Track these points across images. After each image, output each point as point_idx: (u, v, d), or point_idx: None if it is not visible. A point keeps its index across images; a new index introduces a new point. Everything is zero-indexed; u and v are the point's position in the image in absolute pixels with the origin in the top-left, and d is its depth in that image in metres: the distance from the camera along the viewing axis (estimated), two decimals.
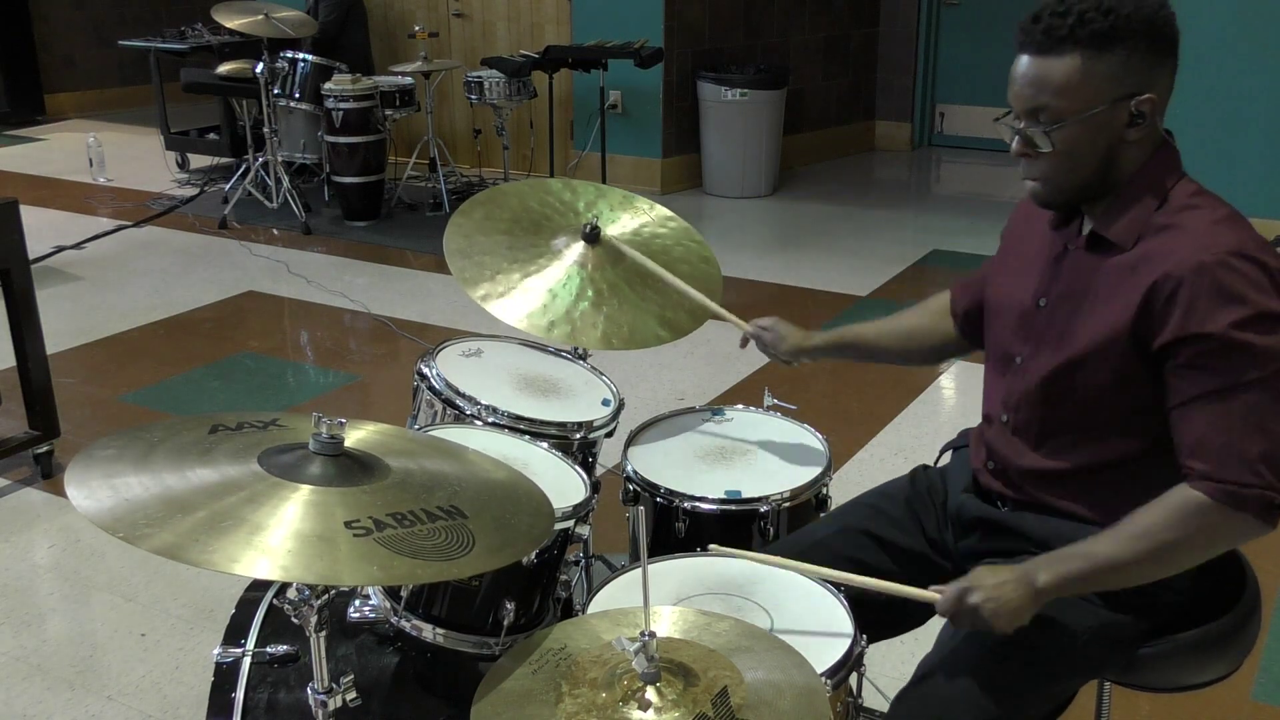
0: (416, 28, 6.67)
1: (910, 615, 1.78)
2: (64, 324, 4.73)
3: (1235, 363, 1.44)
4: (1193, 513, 1.46)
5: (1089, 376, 1.56)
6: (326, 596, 1.40)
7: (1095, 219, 1.59)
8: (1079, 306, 1.59)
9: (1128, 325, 1.51)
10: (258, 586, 1.86)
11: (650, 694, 1.23)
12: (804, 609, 1.61)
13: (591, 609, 1.57)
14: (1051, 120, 1.51)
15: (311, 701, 1.47)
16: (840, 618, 1.58)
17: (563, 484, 1.84)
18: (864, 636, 1.55)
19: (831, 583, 1.63)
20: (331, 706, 1.47)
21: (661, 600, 1.60)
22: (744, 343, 2.10)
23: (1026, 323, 1.67)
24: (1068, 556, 1.50)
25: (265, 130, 6.16)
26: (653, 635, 1.24)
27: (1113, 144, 1.53)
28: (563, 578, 1.79)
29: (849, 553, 1.74)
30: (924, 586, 1.67)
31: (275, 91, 6.12)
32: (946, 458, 1.91)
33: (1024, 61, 1.53)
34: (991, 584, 1.47)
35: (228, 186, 6.65)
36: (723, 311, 2.10)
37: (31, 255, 3.40)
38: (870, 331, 2.03)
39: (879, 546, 1.80)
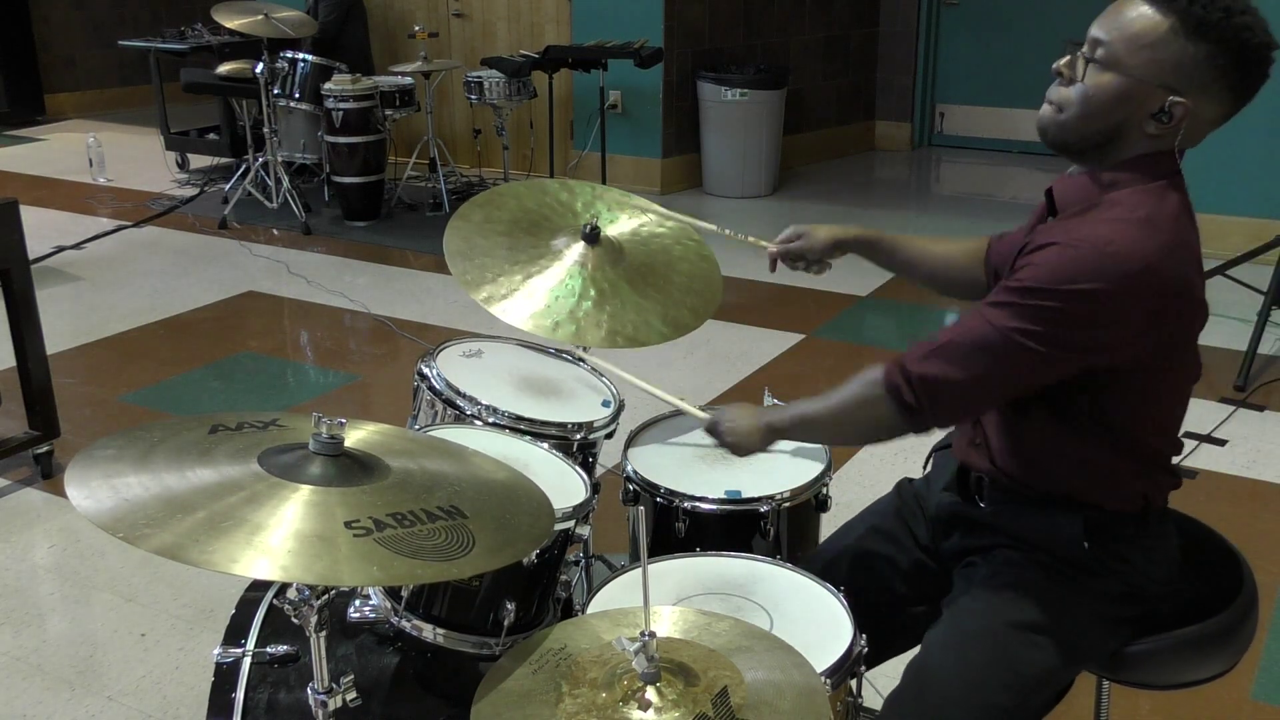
0: (416, 28, 6.67)
1: (906, 633, 1.78)
2: (64, 324, 4.73)
3: (1002, 305, 1.48)
4: (866, 383, 1.60)
5: None
6: (326, 596, 1.40)
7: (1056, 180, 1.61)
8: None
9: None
10: (258, 586, 1.86)
11: (650, 694, 1.23)
12: (804, 609, 1.61)
13: (591, 609, 1.57)
14: (1106, 61, 1.48)
15: (311, 701, 1.47)
16: (840, 618, 1.58)
17: (563, 484, 1.84)
18: (864, 636, 1.55)
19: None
20: (331, 706, 1.47)
21: (661, 600, 1.60)
22: (773, 265, 2.08)
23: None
24: (790, 407, 1.73)
25: (265, 130, 6.16)
26: (653, 635, 1.24)
27: (1128, 120, 1.49)
28: (563, 578, 1.79)
29: (856, 575, 1.73)
30: (930, 597, 1.69)
31: (275, 91, 6.12)
32: (932, 463, 1.91)
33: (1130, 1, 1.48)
34: (733, 413, 1.79)
35: (228, 186, 6.65)
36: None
37: (31, 255, 3.40)
38: (908, 244, 1.96)
39: (886, 564, 1.81)
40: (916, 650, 1.66)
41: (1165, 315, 1.47)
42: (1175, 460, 1.65)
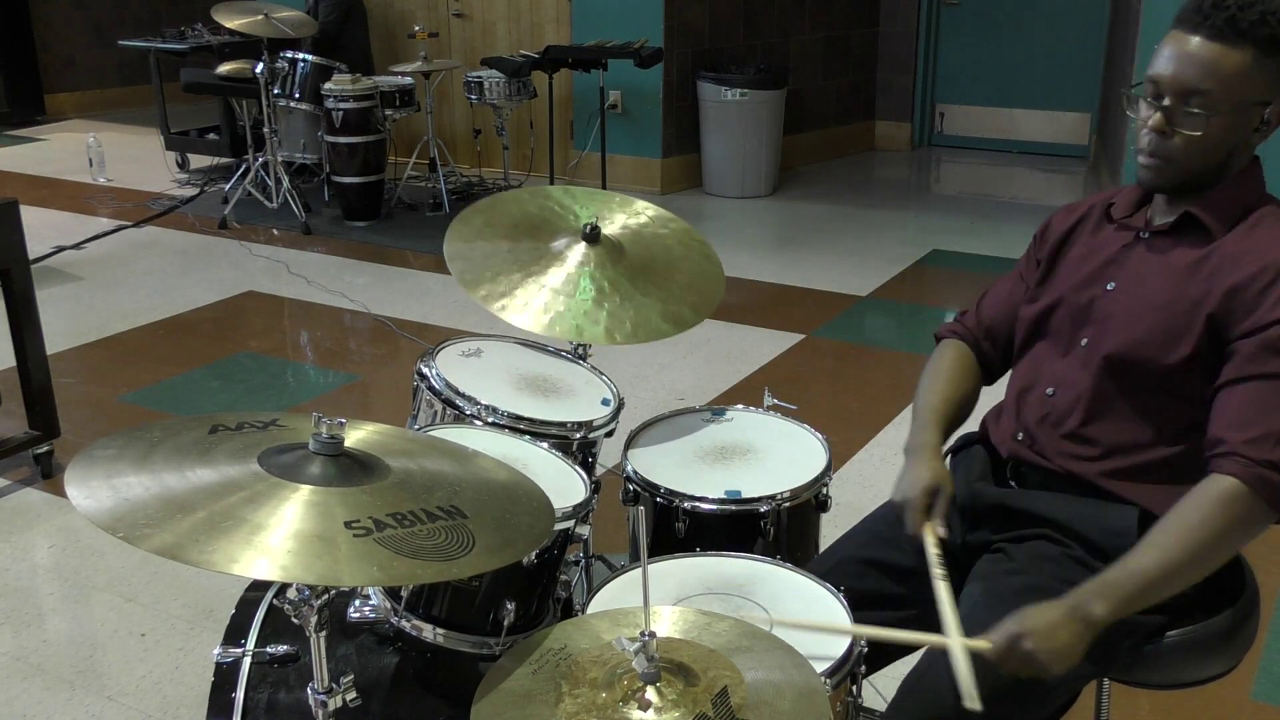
0: (416, 28, 6.67)
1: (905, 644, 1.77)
2: (64, 324, 4.73)
3: None
4: (1230, 500, 1.46)
5: (1159, 354, 1.59)
6: (326, 596, 1.40)
7: (1191, 203, 1.62)
8: (1154, 288, 1.62)
9: (1208, 309, 1.55)
10: (258, 586, 1.86)
11: (650, 694, 1.23)
12: (804, 609, 1.61)
13: (591, 609, 1.57)
14: (1208, 106, 1.52)
15: (311, 701, 1.47)
16: (840, 618, 1.58)
17: (563, 484, 1.84)
18: (863, 640, 1.54)
19: (869, 639, 1.54)
20: (331, 706, 1.47)
21: (661, 600, 1.60)
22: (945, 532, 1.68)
23: (1089, 307, 1.69)
24: (1118, 581, 1.46)
25: (265, 130, 6.16)
26: (653, 635, 1.24)
27: (1237, 143, 1.57)
28: (563, 578, 1.79)
29: (849, 584, 1.70)
30: (925, 601, 1.67)
31: (275, 91, 6.12)
32: (946, 463, 1.90)
33: (1194, 43, 1.53)
34: (1044, 627, 1.42)
35: (228, 186, 6.65)
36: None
37: (31, 255, 3.40)
38: (949, 413, 1.82)
39: (879, 571, 1.79)
40: (917, 654, 1.65)
41: None
42: None
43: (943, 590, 1.56)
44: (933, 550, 1.63)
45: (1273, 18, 1.50)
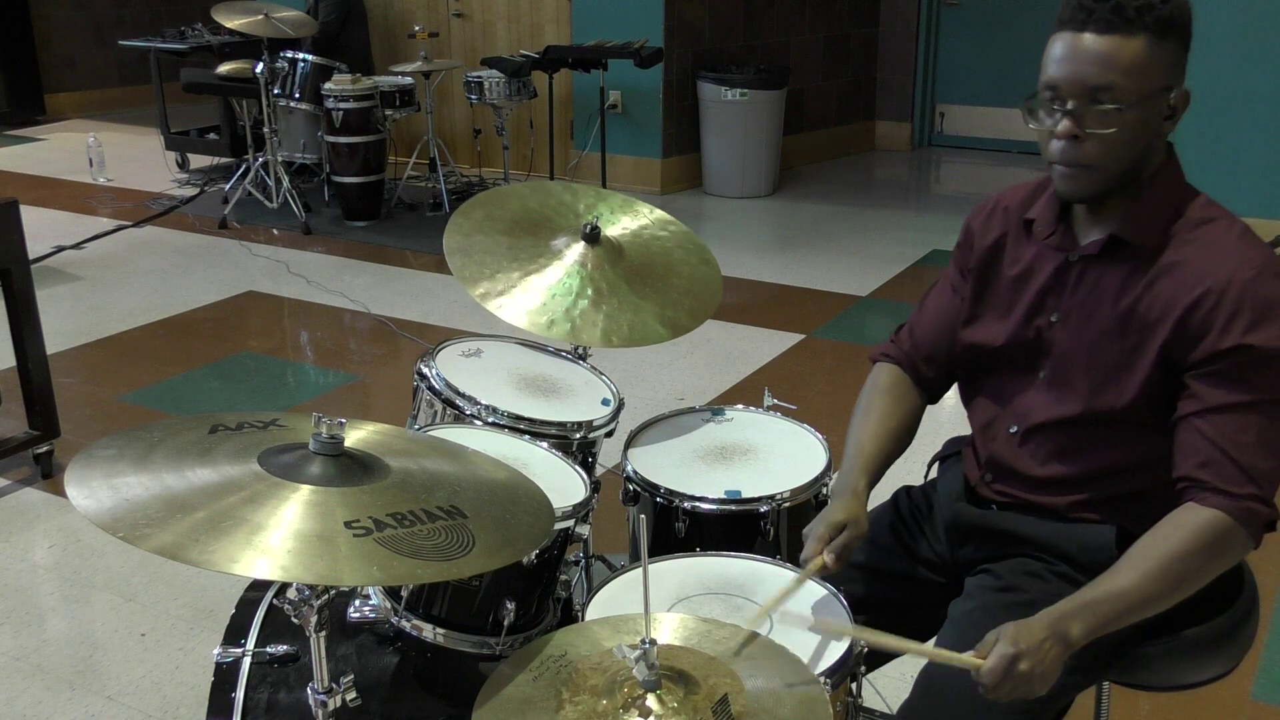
0: (416, 28, 6.67)
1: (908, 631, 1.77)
2: (64, 324, 4.73)
3: (1268, 376, 1.45)
4: (1212, 532, 1.44)
5: (1118, 386, 1.55)
6: (326, 596, 1.40)
7: (1113, 224, 1.57)
8: (1100, 318, 1.57)
9: (1160, 339, 1.50)
10: (258, 586, 1.86)
11: (651, 701, 1.23)
12: (804, 610, 1.61)
13: (591, 609, 1.57)
14: (1116, 101, 1.46)
15: (311, 701, 1.47)
16: (840, 618, 1.58)
17: (563, 484, 1.84)
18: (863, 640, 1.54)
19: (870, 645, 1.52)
20: (331, 706, 1.47)
21: (662, 600, 1.60)
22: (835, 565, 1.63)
23: (1038, 339, 1.64)
24: (1095, 602, 1.44)
25: (265, 130, 6.16)
26: (653, 642, 1.24)
27: (1151, 135, 1.52)
28: (563, 578, 1.79)
29: (846, 587, 1.69)
30: (918, 609, 1.68)
31: (275, 91, 6.12)
32: (934, 470, 1.90)
33: (1086, 39, 1.47)
34: (1035, 646, 1.39)
35: (228, 186, 6.65)
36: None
37: (31, 255, 3.40)
38: (878, 452, 1.77)
39: (871, 576, 1.79)
40: (913, 660, 1.65)
41: None
42: None
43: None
44: (809, 577, 1.60)
45: (1151, 4, 1.45)
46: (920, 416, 1.84)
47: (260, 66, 6.03)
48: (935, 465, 1.90)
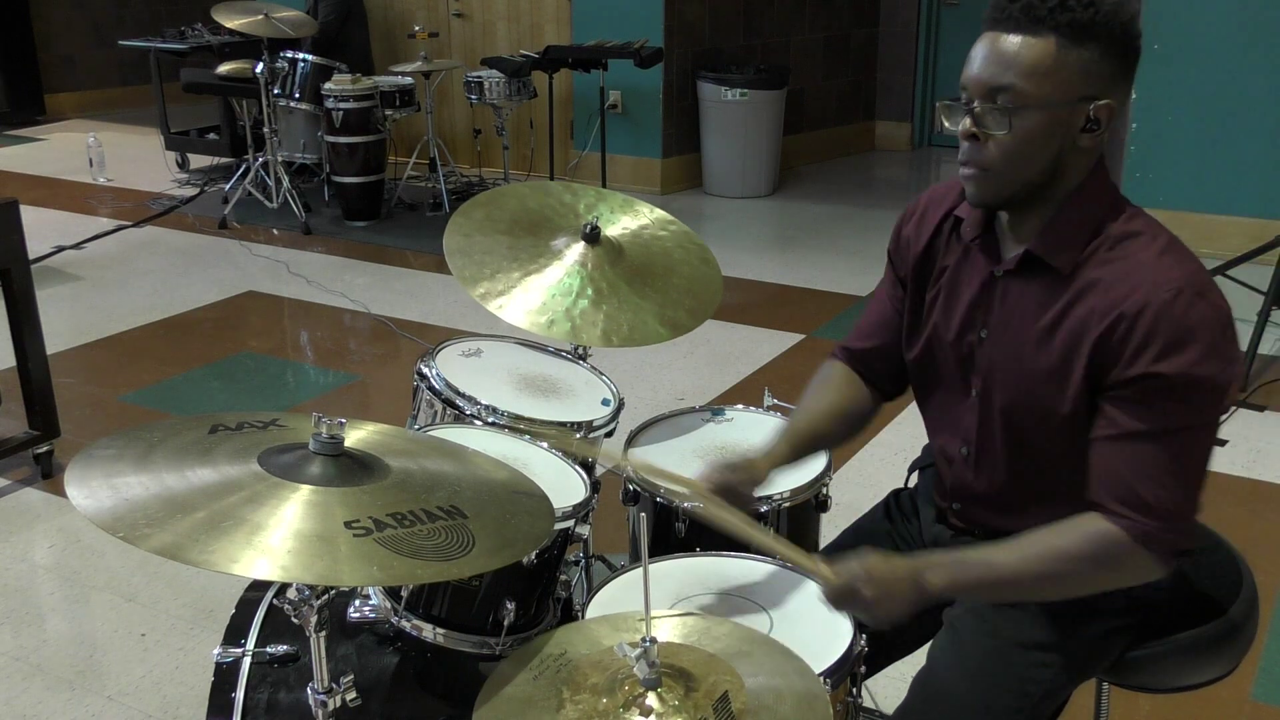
0: (416, 28, 6.68)
1: (903, 639, 1.77)
2: (64, 324, 4.73)
3: (1177, 403, 1.40)
4: (1105, 545, 1.43)
5: (1047, 403, 1.52)
6: (326, 596, 1.40)
7: (1030, 239, 1.52)
8: (1025, 335, 1.54)
9: (1082, 358, 1.47)
10: (258, 586, 1.86)
11: (651, 699, 1.23)
12: (804, 609, 1.61)
13: (591, 609, 1.57)
14: (1013, 102, 1.41)
15: (311, 701, 1.47)
16: (840, 618, 1.58)
17: (563, 484, 1.84)
18: (863, 637, 1.55)
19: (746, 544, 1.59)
20: (331, 706, 1.47)
21: (661, 600, 1.60)
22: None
23: (971, 355, 1.61)
24: (964, 562, 1.48)
25: (265, 130, 6.16)
26: (654, 641, 1.24)
27: (1064, 146, 1.45)
28: (563, 578, 1.79)
29: None
30: (929, 609, 1.67)
31: (275, 91, 6.12)
32: (914, 478, 1.89)
33: (998, 39, 1.43)
34: (884, 579, 1.45)
35: (228, 186, 6.65)
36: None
37: (31, 255, 3.40)
38: (807, 428, 1.79)
39: None
40: (913, 659, 1.66)
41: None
42: None
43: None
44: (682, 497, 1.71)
45: (1074, 2, 1.39)
46: (869, 406, 1.83)
47: (260, 66, 6.03)
48: (915, 474, 1.90)
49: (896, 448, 3.59)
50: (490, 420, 2.00)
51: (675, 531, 1.90)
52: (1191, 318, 1.39)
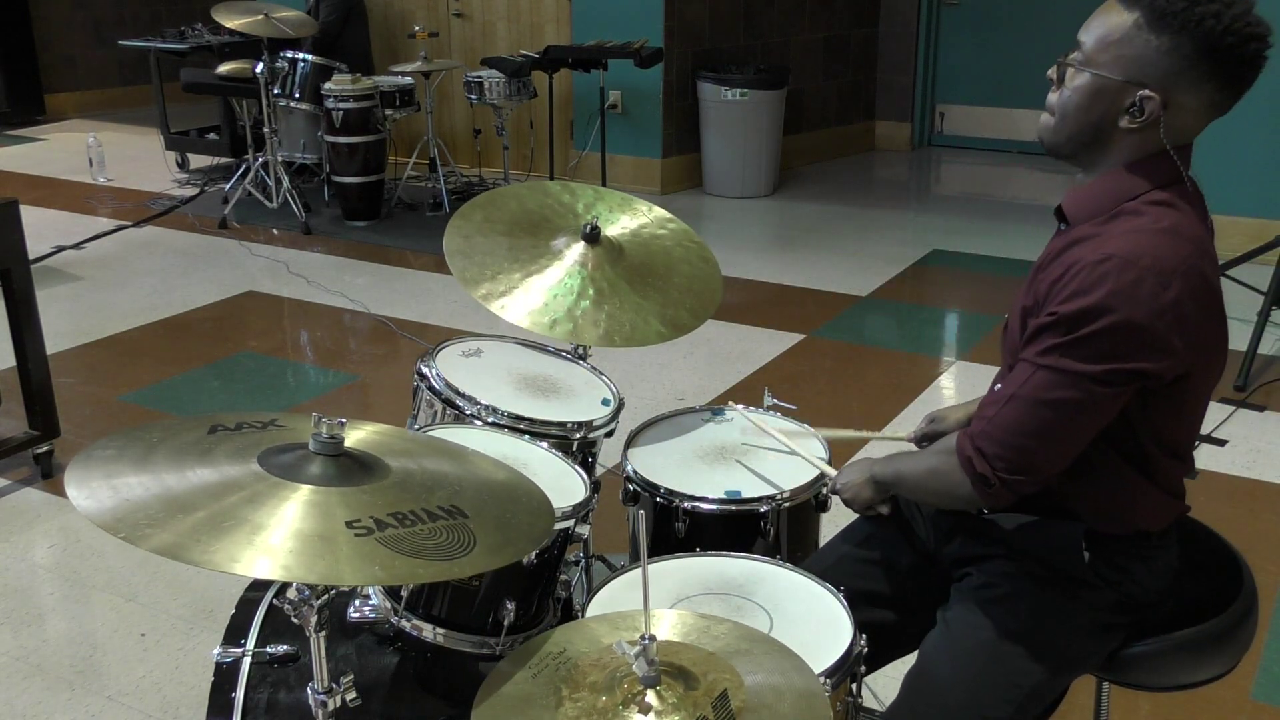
0: (416, 28, 6.67)
1: (904, 636, 1.78)
2: (64, 324, 4.73)
3: (1053, 342, 1.44)
4: (947, 458, 1.57)
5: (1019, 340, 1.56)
6: (326, 596, 1.40)
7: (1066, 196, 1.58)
8: (1024, 295, 1.59)
9: (1042, 306, 1.49)
10: (258, 586, 1.86)
11: (650, 697, 1.23)
12: (804, 609, 1.61)
13: (591, 609, 1.57)
14: (1079, 60, 1.50)
15: (311, 701, 1.47)
16: (840, 618, 1.58)
17: (563, 484, 1.85)
18: (864, 636, 1.55)
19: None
20: (331, 706, 1.47)
21: (661, 600, 1.60)
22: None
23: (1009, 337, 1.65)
24: (897, 460, 1.74)
25: (265, 130, 6.16)
26: (653, 639, 1.24)
27: (1104, 119, 1.49)
28: (563, 577, 1.79)
29: (847, 582, 1.69)
30: (928, 601, 1.69)
31: (275, 91, 6.12)
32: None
33: (1105, 3, 1.50)
34: (852, 463, 1.85)
35: (228, 186, 6.65)
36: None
37: (31, 255, 3.40)
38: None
39: (878, 569, 1.81)
40: (913, 658, 1.67)
41: (1200, 322, 1.44)
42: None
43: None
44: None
45: None
46: None
47: (260, 66, 6.03)
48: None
49: (896, 448, 3.59)
50: (490, 420, 2.00)
51: (675, 531, 1.90)
52: (1105, 275, 1.40)
